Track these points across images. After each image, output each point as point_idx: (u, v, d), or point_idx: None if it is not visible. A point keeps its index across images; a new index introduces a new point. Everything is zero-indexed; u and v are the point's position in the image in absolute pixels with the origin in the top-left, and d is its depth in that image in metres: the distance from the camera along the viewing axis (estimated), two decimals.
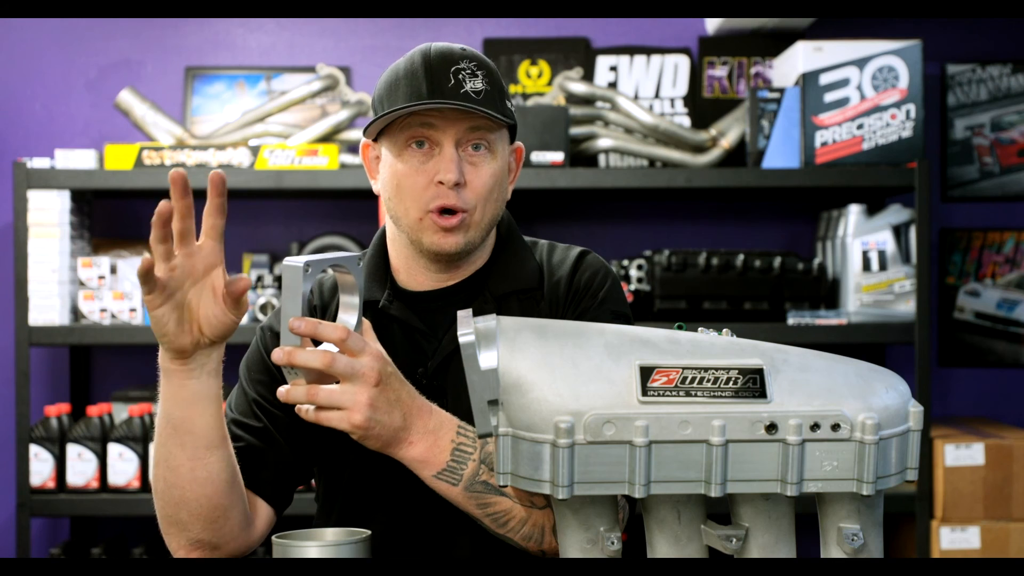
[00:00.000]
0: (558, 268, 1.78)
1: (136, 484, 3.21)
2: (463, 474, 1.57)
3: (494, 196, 1.70)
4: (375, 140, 1.75)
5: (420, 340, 1.73)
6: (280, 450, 1.72)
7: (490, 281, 1.76)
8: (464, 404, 1.61)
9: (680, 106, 3.65)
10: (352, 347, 1.50)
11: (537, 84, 3.66)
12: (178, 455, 1.56)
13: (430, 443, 1.56)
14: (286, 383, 1.54)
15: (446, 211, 1.67)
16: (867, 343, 3.36)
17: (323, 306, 1.79)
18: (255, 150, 3.27)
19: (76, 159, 3.29)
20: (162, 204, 1.42)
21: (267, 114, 3.43)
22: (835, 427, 1.22)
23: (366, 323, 1.58)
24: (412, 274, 1.76)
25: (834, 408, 1.22)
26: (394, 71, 1.70)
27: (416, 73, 1.65)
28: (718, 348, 1.26)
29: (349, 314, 1.56)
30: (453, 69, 1.65)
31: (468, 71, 1.65)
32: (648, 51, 3.66)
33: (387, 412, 1.52)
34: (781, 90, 3.32)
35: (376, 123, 1.68)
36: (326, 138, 3.39)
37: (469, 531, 1.65)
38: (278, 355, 1.48)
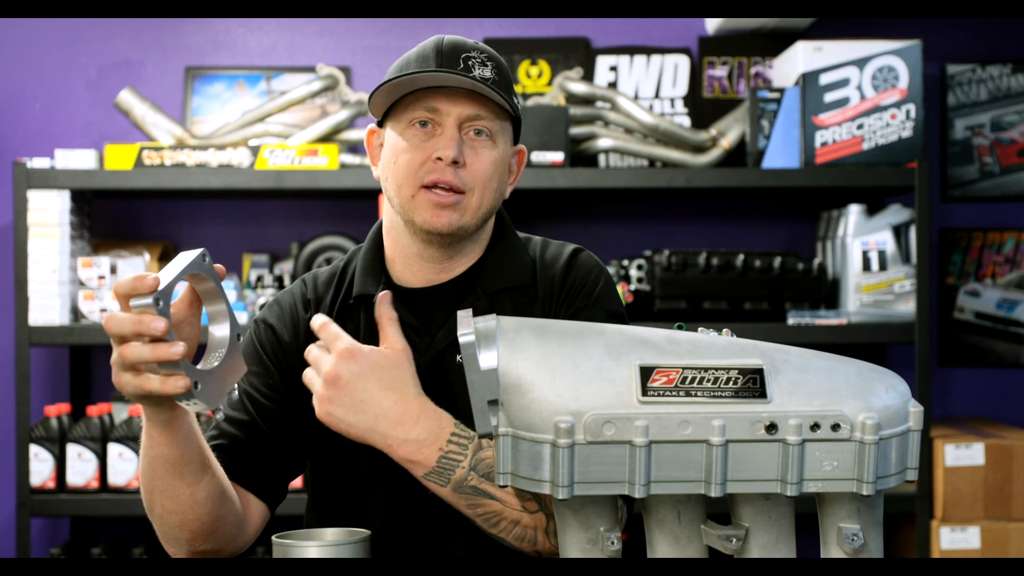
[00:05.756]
0: (552, 265, 1.78)
1: (136, 484, 3.20)
2: (450, 478, 1.58)
3: (492, 184, 1.71)
4: (380, 125, 1.76)
5: (413, 336, 1.73)
6: (269, 444, 1.73)
7: (483, 278, 1.75)
8: (457, 400, 1.61)
9: (680, 106, 3.64)
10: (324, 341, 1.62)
11: (537, 84, 3.66)
12: (178, 486, 1.57)
13: (413, 449, 1.58)
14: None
15: (442, 187, 1.67)
16: (867, 343, 3.36)
17: (317, 300, 1.79)
18: (255, 150, 3.27)
19: (76, 159, 3.29)
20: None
21: (267, 114, 3.43)
22: (835, 427, 1.22)
23: (323, 321, 1.63)
24: (407, 265, 1.76)
25: (834, 408, 1.22)
26: (405, 56, 1.73)
27: (427, 56, 1.68)
28: (718, 348, 1.25)
29: (220, 324, 1.46)
30: (464, 56, 1.68)
31: (478, 60, 1.68)
32: (648, 51, 3.65)
33: (350, 412, 1.58)
34: (781, 90, 3.32)
35: (382, 90, 1.68)
36: (326, 138, 3.39)
37: (463, 528, 1.65)
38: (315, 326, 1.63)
